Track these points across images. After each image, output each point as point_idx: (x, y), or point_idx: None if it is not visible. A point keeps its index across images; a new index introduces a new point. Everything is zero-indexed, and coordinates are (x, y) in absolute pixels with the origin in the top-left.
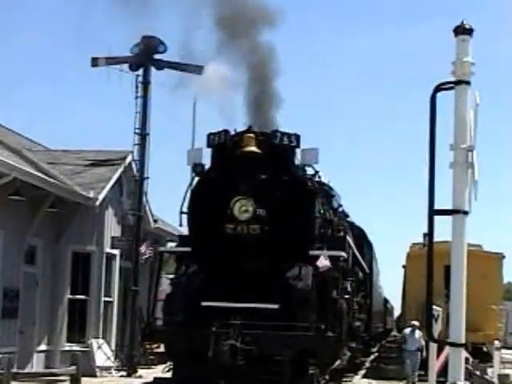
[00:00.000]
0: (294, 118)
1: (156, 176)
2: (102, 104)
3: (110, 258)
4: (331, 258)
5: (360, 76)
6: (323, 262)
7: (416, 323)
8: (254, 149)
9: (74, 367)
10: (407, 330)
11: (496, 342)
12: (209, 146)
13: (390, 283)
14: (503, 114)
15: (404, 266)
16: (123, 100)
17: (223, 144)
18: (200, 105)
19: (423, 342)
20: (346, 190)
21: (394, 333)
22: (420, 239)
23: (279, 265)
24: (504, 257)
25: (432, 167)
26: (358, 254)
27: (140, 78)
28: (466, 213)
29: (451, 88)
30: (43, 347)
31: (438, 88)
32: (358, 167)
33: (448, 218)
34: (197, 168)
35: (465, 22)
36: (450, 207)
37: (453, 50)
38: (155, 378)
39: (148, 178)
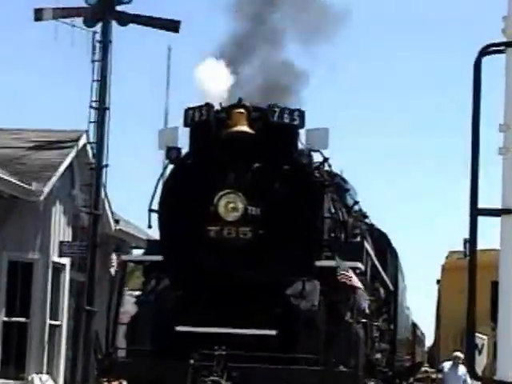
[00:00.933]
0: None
1: (118, 163)
2: (47, 69)
3: (58, 268)
4: None
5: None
6: (355, 279)
7: (460, 355)
8: (245, 128)
9: None
10: (446, 365)
11: None
12: (186, 124)
13: (421, 303)
14: None
15: (438, 281)
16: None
17: (205, 122)
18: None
19: (469, 382)
20: (363, 182)
21: (426, 367)
22: (460, 247)
23: (277, 279)
24: None
25: (475, 153)
26: (378, 265)
27: (98, 36)
28: None
29: (501, 51)
30: None
31: (485, 51)
32: (378, 153)
33: (496, 220)
34: (171, 153)
35: None
36: (498, 205)
37: (505, 2)
38: None
39: (107, 165)
